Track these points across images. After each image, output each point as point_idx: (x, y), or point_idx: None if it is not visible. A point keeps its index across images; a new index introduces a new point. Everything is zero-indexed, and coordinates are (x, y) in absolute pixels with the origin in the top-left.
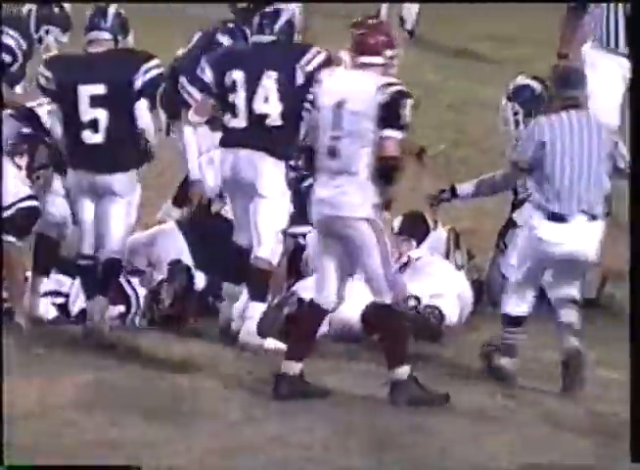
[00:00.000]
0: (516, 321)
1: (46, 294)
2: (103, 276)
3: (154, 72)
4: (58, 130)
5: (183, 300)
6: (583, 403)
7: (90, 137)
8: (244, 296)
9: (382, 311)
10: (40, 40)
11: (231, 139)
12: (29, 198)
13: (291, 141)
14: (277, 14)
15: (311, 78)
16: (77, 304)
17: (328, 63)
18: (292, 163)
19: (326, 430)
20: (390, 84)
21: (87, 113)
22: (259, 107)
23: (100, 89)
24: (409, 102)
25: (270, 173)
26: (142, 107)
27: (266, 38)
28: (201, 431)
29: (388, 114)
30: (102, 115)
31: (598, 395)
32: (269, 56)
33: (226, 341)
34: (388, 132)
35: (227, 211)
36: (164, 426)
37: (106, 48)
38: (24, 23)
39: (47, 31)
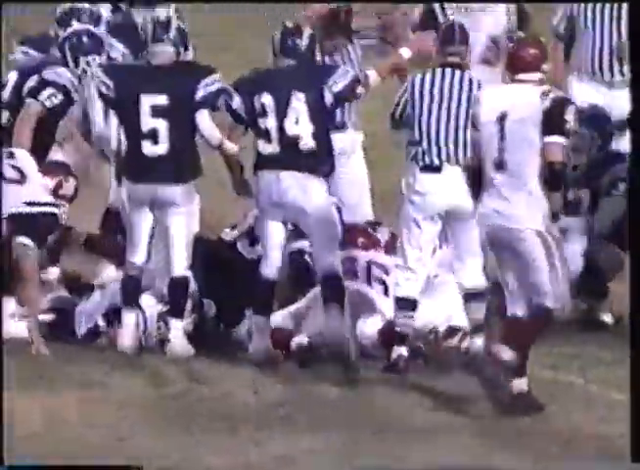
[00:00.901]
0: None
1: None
2: (174, 295)
3: (215, 86)
4: (114, 138)
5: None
6: (588, 425)
7: (150, 148)
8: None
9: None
10: (85, 71)
11: (269, 164)
12: (52, 205)
13: (325, 159)
14: (300, 34)
15: (339, 98)
16: (83, 326)
17: (356, 83)
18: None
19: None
20: (552, 90)
21: (148, 123)
22: (291, 129)
23: (162, 100)
24: (573, 108)
25: (316, 191)
26: (203, 117)
27: (292, 61)
28: (208, 446)
29: (553, 119)
30: (162, 125)
31: (602, 416)
32: (296, 77)
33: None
34: (554, 138)
35: (243, 247)
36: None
37: (168, 60)
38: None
39: (88, 63)
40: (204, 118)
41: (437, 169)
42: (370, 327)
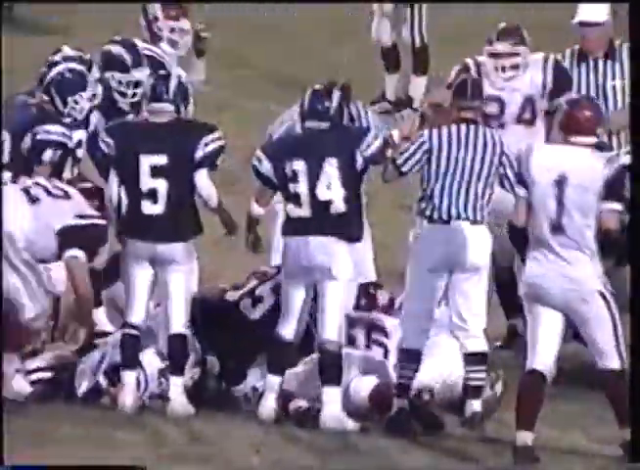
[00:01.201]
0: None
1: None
2: (173, 352)
3: (215, 145)
4: (114, 196)
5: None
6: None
7: (149, 207)
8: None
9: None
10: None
11: (298, 228)
12: (99, 217)
13: (355, 223)
14: (330, 96)
15: (370, 162)
16: (84, 384)
17: (387, 145)
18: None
19: None
20: (615, 158)
21: (147, 182)
22: (323, 194)
23: (161, 160)
24: (627, 174)
25: (344, 257)
26: (202, 176)
27: (323, 124)
28: None
29: (614, 187)
30: (161, 185)
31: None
32: (328, 142)
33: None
34: (613, 205)
35: (245, 307)
36: None
37: (167, 118)
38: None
39: (75, 101)
40: (202, 178)
41: (447, 222)
42: (365, 385)
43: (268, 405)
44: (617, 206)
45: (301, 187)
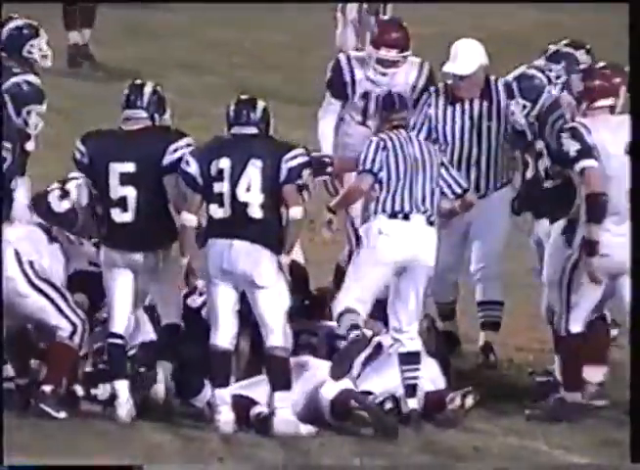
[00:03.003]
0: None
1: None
2: (162, 341)
3: (182, 151)
4: (84, 203)
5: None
6: None
7: (120, 215)
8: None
9: None
10: (26, 122)
11: (221, 230)
12: None
13: (274, 233)
14: (254, 104)
15: (290, 175)
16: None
17: (309, 165)
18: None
19: None
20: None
21: (117, 190)
22: (241, 195)
23: (130, 167)
24: None
25: (266, 264)
26: (170, 182)
27: (249, 129)
28: None
29: None
30: (131, 193)
31: None
32: (255, 145)
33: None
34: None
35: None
36: None
37: (141, 126)
38: (5, 112)
39: (28, 112)
40: (170, 184)
41: (407, 218)
42: (329, 391)
43: (224, 418)
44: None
45: (225, 186)
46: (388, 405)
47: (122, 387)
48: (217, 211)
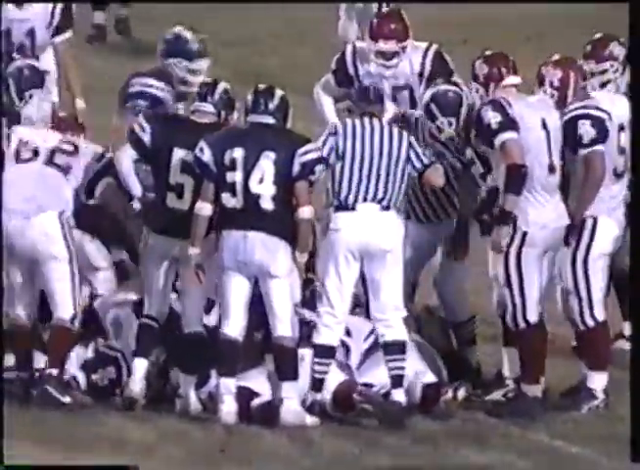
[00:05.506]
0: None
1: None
2: (188, 352)
3: None
4: (137, 184)
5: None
6: None
7: (174, 201)
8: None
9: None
10: (28, 106)
11: (234, 221)
12: None
13: (287, 224)
14: (272, 93)
15: (303, 170)
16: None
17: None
18: None
19: None
20: None
21: (176, 176)
22: (254, 186)
23: (192, 157)
24: None
25: (282, 254)
26: None
27: (265, 119)
28: None
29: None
30: (189, 181)
31: None
32: (270, 136)
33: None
34: None
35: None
36: None
37: (209, 120)
38: (8, 96)
39: (30, 96)
40: None
41: (352, 208)
42: (330, 383)
43: (227, 408)
44: None
45: (237, 176)
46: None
47: (141, 365)
48: (230, 201)
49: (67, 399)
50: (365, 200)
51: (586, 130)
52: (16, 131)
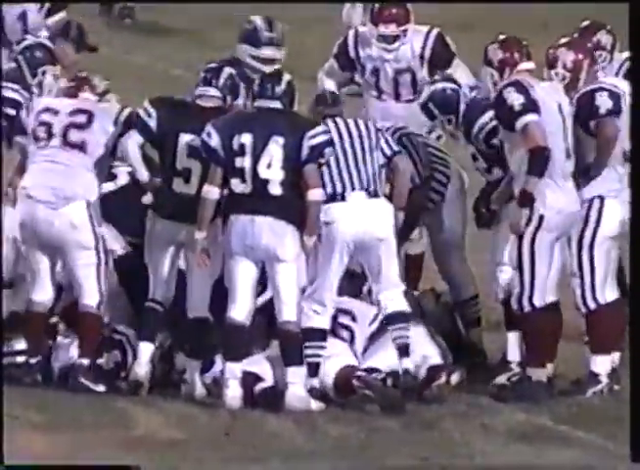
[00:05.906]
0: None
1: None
2: (191, 335)
3: None
4: (144, 169)
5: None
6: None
7: (181, 186)
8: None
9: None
10: (40, 84)
11: (242, 205)
12: None
13: (296, 209)
14: (279, 77)
15: (312, 153)
16: (57, 364)
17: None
18: None
19: None
20: None
21: (183, 161)
22: (263, 171)
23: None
24: None
25: (289, 238)
26: None
27: (273, 103)
28: None
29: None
30: (196, 166)
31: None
32: (278, 121)
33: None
34: None
35: None
36: None
37: (214, 104)
38: (21, 74)
39: (43, 73)
40: None
41: (342, 198)
42: (332, 366)
43: (232, 393)
44: None
45: (246, 161)
46: (390, 381)
47: (146, 349)
48: (239, 186)
49: (100, 388)
50: (353, 188)
51: (604, 101)
52: (31, 106)
